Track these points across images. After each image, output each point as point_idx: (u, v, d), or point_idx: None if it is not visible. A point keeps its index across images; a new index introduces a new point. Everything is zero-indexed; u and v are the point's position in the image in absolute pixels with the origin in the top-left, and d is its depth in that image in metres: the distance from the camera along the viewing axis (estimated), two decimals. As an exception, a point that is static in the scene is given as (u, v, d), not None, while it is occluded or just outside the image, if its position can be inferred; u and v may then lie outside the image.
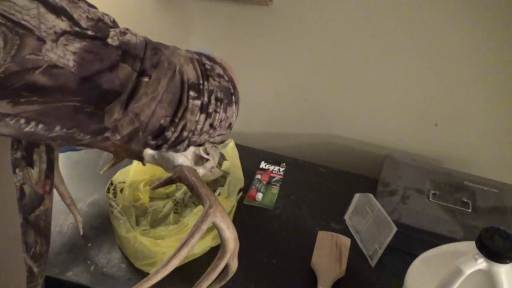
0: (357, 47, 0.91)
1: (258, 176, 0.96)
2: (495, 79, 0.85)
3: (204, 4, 0.97)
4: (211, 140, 0.53)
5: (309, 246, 0.79)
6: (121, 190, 0.83)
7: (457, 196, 0.83)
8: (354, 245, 0.80)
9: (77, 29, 0.34)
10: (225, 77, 0.50)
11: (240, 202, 0.90)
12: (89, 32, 0.35)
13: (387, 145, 1.02)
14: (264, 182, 0.95)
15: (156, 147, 0.47)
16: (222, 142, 0.99)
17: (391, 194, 0.83)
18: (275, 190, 0.94)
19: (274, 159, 1.03)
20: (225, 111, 0.49)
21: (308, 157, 1.06)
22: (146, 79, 0.40)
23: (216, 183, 0.87)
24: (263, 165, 1.01)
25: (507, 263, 0.49)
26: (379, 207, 0.78)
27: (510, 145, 0.91)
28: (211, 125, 0.48)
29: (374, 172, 0.96)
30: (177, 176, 0.77)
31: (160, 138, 0.45)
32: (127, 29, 0.41)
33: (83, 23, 0.35)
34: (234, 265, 0.63)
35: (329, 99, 1.01)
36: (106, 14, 0.40)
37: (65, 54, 0.33)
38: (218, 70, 0.49)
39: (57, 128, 0.36)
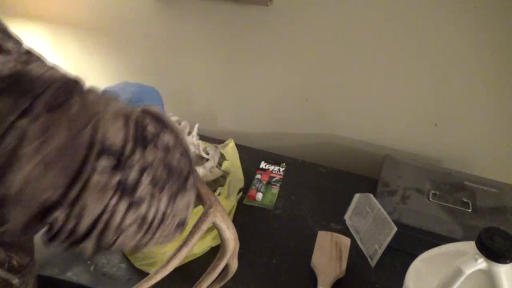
0: (357, 47, 0.91)
1: (258, 176, 0.96)
2: (495, 79, 0.85)
3: (204, 4, 0.97)
4: (149, 246, 0.35)
5: (309, 246, 0.79)
6: (121, 190, 0.82)
7: (457, 196, 0.83)
8: (354, 245, 0.80)
9: None
10: (178, 148, 0.34)
11: (240, 202, 0.90)
12: None
13: (387, 145, 1.02)
14: (264, 182, 0.95)
15: (48, 240, 0.30)
16: (222, 142, 0.99)
17: (391, 194, 0.83)
18: (275, 190, 0.94)
19: (274, 159, 1.03)
20: (171, 202, 0.33)
21: (308, 157, 1.06)
22: (24, 120, 0.26)
23: (216, 183, 0.87)
24: (263, 165, 1.01)
25: (507, 263, 0.49)
26: (379, 207, 0.78)
27: (510, 145, 0.91)
28: (143, 221, 0.31)
29: (374, 172, 0.96)
30: (177, 176, 0.77)
31: (46, 221, 0.29)
32: (47, 63, 0.29)
33: None
34: (234, 265, 0.63)
35: (329, 99, 1.01)
36: (18, 43, 0.29)
37: None
38: (167, 138, 0.34)
39: None
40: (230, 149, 0.94)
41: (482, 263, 0.49)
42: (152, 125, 0.33)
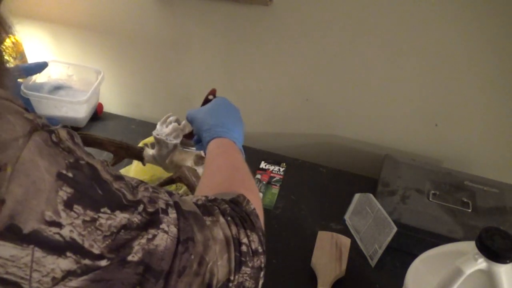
0: (357, 47, 0.91)
1: (258, 176, 0.96)
2: (495, 79, 0.85)
3: (204, 3, 0.97)
4: None
5: (309, 246, 0.79)
6: (121, 190, 0.82)
7: (457, 196, 0.83)
8: (354, 245, 0.80)
9: (86, 261, 0.28)
10: (260, 248, 0.41)
11: (240, 202, 0.89)
12: (103, 262, 0.29)
13: (387, 145, 1.02)
14: (264, 182, 0.95)
15: None
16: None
17: (391, 194, 0.83)
18: (275, 190, 0.94)
19: (274, 159, 1.03)
20: None
21: (308, 157, 1.06)
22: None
23: (216, 183, 0.87)
24: (263, 165, 1.01)
25: (507, 263, 0.49)
26: (379, 207, 0.78)
27: (510, 145, 0.91)
28: None
29: (374, 172, 0.95)
30: (177, 176, 0.77)
31: None
32: (161, 219, 0.33)
33: (97, 248, 0.28)
34: (234, 265, 0.63)
35: (329, 99, 1.01)
36: (141, 203, 0.32)
37: None
38: (255, 243, 0.40)
39: None
40: (230, 149, 0.94)
41: (482, 263, 0.49)
42: (245, 233, 0.39)
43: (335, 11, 0.88)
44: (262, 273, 0.41)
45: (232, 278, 0.37)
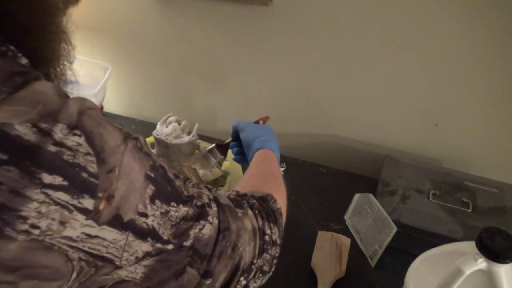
0: (357, 47, 0.91)
1: (258, 176, 0.96)
2: (495, 79, 0.85)
3: (204, 3, 0.97)
4: None
5: (309, 246, 0.79)
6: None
7: (457, 196, 0.83)
8: (354, 245, 0.80)
9: (158, 245, 0.35)
10: (278, 240, 0.49)
11: (240, 202, 0.89)
12: (169, 246, 0.36)
13: (387, 145, 1.02)
14: (264, 182, 0.95)
15: None
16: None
17: (391, 194, 0.83)
18: (275, 190, 0.94)
19: (274, 159, 1.03)
20: (263, 279, 0.49)
21: (308, 157, 1.06)
22: (208, 281, 0.40)
23: (216, 183, 0.87)
24: (263, 165, 1.01)
25: (507, 263, 0.49)
26: (379, 207, 0.78)
27: (510, 145, 0.91)
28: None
29: (374, 172, 0.96)
30: (177, 176, 0.77)
31: None
32: (208, 212, 0.39)
33: (166, 235, 0.35)
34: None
35: (329, 99, 1.01)
36: (193, 198, 0.39)
37: (136, 269, 0.34)
38: (275, 235, 0.48)
39: None
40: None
41: (482, 263, 0.49)
42: (269, 225, 0.48)
43: (335, 11, 0.88)
44: (275, 261, 0.49)
45: (255, 261, 0.45)
